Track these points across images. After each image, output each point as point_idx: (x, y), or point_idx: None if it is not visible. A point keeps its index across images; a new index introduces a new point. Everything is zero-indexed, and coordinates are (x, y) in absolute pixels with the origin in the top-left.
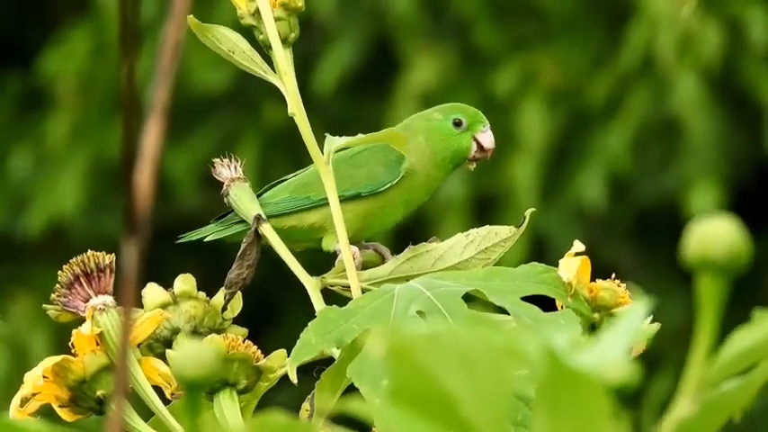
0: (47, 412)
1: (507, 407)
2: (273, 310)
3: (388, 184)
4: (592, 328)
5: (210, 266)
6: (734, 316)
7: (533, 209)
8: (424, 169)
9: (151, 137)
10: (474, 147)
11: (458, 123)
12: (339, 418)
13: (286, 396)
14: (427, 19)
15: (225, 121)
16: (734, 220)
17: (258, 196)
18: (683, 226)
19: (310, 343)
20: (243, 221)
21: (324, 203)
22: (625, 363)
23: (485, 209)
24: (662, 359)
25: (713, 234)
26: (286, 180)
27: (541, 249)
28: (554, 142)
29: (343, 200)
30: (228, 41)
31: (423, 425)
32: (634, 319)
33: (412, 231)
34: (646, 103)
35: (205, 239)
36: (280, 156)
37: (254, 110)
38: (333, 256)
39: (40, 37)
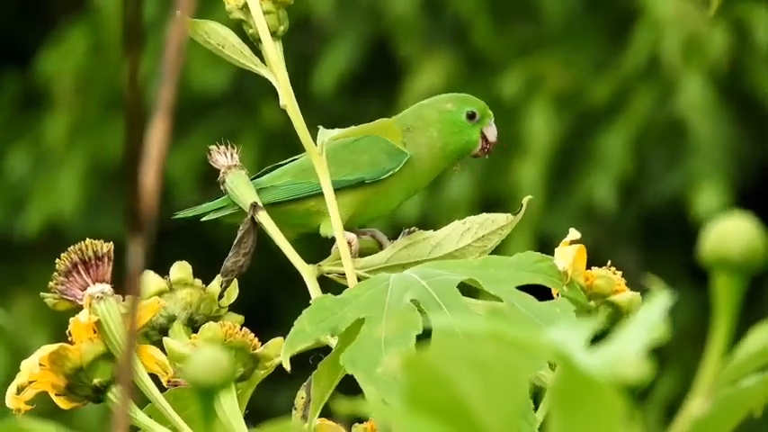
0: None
1: (520, 407)
2: (275, 303)
3: (390, 172)
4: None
5: (210, 263)
6: (746, 318)
7: (530, 196)
8: (431, 160)
9: (156, 136)
10: (480, 141)
11: (471, 116)
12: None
13: (285, 388)
14: (426, 20)
15: (223, 120)
16: (751, 219)
17: (254, 179)
18: (689, 227)
19: (304, 331)
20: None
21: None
22: (640, 361)
23: (490, 210)
24: (667, 359)
25: (730, 232)
26: (282, 165)
27: (547, 251)
28: (560, 144)
29: (345, 185)
30: (218, 36)
31: (435, 429)
32: (653, 314)
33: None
34: (651, 104)
35: (201, 219)
36: (278, 154)
37: (253, 109)
38: (330, 244)
39: (38, 37)
